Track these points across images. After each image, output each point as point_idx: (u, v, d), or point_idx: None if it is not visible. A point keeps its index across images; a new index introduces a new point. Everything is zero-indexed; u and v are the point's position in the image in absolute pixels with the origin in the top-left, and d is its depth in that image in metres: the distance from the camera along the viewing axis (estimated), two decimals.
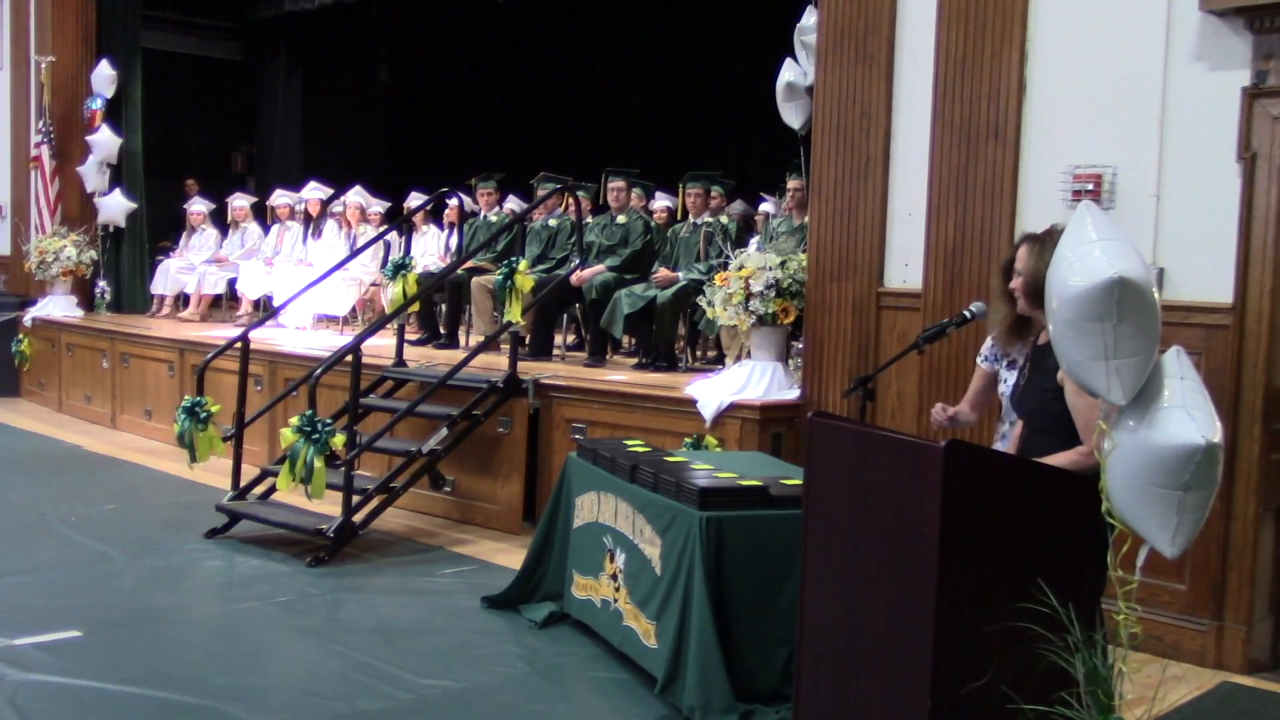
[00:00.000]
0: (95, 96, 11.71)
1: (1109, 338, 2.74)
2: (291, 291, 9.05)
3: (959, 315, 3.91)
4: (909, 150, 5.80)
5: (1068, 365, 2.95)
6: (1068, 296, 2.78)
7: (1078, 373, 2.89)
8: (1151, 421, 2.74)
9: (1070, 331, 2.82)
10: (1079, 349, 2.81)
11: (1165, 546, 2.79)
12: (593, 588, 5.00)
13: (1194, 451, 2.66)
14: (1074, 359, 2.86)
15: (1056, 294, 2.85)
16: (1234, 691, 4.66)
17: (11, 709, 4.15)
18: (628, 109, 13.89)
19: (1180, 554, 2.84)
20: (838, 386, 5.97)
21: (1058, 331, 2.89)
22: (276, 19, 14.29)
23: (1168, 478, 2.70)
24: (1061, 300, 2.82)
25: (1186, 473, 2.68)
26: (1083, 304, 2.74)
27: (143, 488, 8.00)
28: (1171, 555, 2.83)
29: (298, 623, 5.30)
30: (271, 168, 15.29)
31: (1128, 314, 2.72)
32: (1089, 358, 2.79)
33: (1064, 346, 2.89)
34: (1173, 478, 2.69)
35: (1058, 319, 2.87)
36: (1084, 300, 2.73)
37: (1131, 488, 2.76)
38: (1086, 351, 2.79)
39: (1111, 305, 2.70)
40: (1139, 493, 2.75)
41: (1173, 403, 2.75)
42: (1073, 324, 2.79)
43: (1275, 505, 4.92)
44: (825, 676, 3.50)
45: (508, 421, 7.05)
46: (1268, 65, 4.73)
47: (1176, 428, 2.69)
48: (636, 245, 8.24)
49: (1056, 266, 2.87)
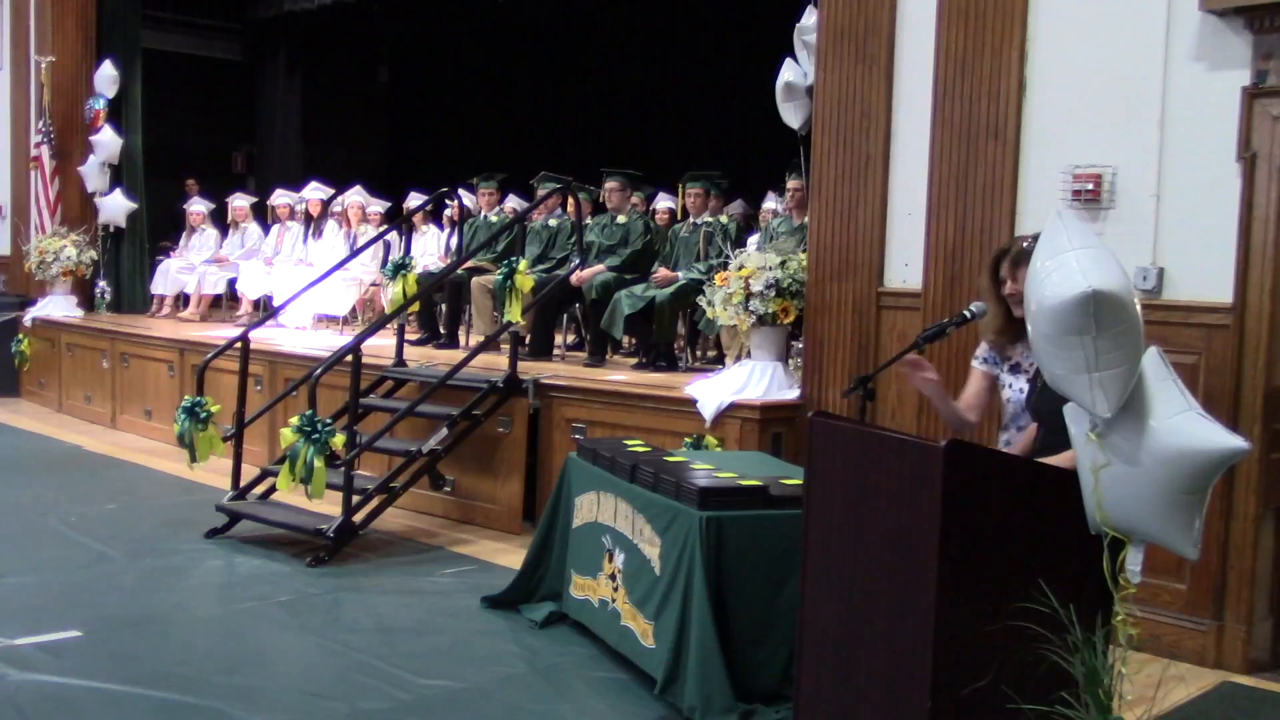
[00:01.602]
0: (98, 96, 11.71)
1: (1089, 351, 2.67)
2: (291, 291, 9.05)
3: (959, 315, 3.90)
4: (909, 150, 5.80)
5: (1051, 379, 2.90)
6: (1045, 310, 2.72)
7: (1062, 386, 2.82)
8: (1173, 430, 2.68)
9: (1050, 346, 2.75)
10: (1060, 363, 2.75)
11: (1189, 550, 2.77)
12: (591, 588, 5.00)
13: (1234, 454, 2.62)
14: (1056, 373, 2.79)
15: (1035, 307, 2.79)
16: (1234, 691, 4.66)
17: (11, 709, 4.15)
18: (628, 109, 13.89)
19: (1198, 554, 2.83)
20: (838, 386, 5.97)
21: (1038, 346, 2.82)
22: (276, 19, 14.30)
23: (1198, 483, 2.66)
24: (1039, 314, 2.76)
25: (1218, 476, 2.66)
26: (1060, 318, 2.67)
27: (143, 488, 8.00)
28: (1194, 557, 2.82)
29: (298, 623, 5.30)
30: (271, 168, 15.29)
31: (1106, 326, 2.65)
32: (1071, 371, 2.73)
33: (1045, 360, 2.83)
34: (1203, 482, 2.66)
35: (1037, 333, 2.82)
36: (1061, 314, 2.67)
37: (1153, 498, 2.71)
38: (1068, 365, 2.73)
39: (1089, 318, 2.64)
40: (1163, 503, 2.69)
41: (1182, 408, 2.72)
42: (1052, 339, 2.73)
43: (1275, 505, 4.92)
44: (825, 676, 3.50)
45: (508, 421, 7.05)
46: (1268, 65, 4.73)
47: (1210, 435, 2.63)
48: (636, 245, 8.23)
49: (1033, 279, 2.80)
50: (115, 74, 11.70)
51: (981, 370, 4.01)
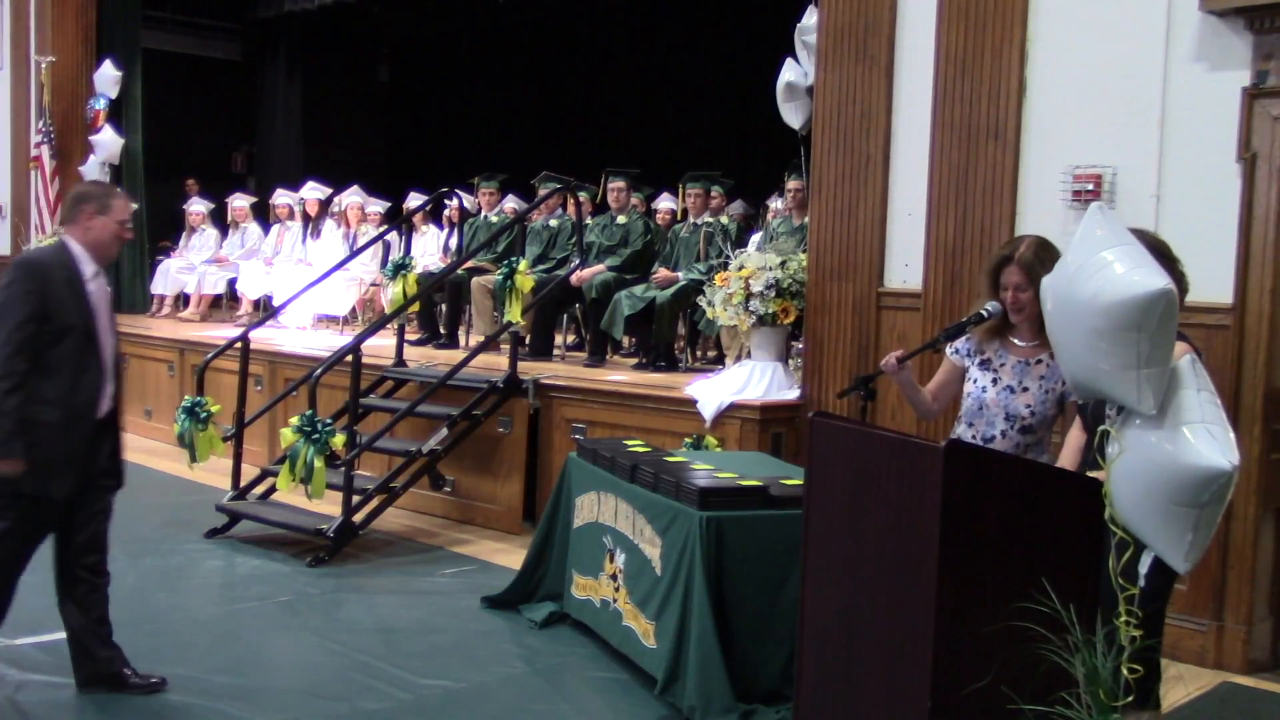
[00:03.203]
0: (99, 96, 11.69)
1: (1143, 347, 2.67)
2: (291, 291, 9.05)
3: (975, 314, 3.88)
4: (909, 150, 5.80)
5: (1086, 375, 2.86)
6: (1100, 305, 2.71)
7: (1101, 382, 2.80)
8: (1173, 438, 2.68)
9: (1100, 341, 2.72)
10: (1108, 359, 2.73)
11: (1179, 562, 2.76)
12: (592, 588, 5.00)
13: (1217, 476, 2.62)
14: (1101, 368, 2.77)
15: (1084, 301, 2.76)
16: (1234, 691, 4.66)
17: (11, 709, 4.15)
18: (628, 109, 13.88)
19: (1192, 569, 2.82)
20: (838, 386, 5.96)
21: (1084, 341, 2.79)
22: (276, 19, 14.28)
23: (1186, 496, 2.65)
24: (1090, 309, 2.73)
25: (1206, 494, 2.64)
26: (1123, 314, 2.65)
27: (143, 488, 7.96)
28: (1184, 570, 2.81)
29: (298, 623, 5.30)
30: (271, 168, 15.28)
31: (1164, 324, 2.67)
32: (1119, 367, 2.71)
33: (1087, 356, 2.78)
34: (1191, 497, 2.65)
35: (1084, 327, 2.78)
36: (1125, 310, 2.66)
37: (1146, 502, 2.72)
38: (1117, 361, 2.71)
39: (1154, 316, 2.65)
40: (1154, 508, 2.70)
41: (1193, 419, 2.71)
42: (1105, 333, 2.70)
43: (1275, 505, 4.92)
44: (825, 676, 3.50)
45: (508, 421, 7.05)
46: (1268, 65, 4.73)
47: (1201, 449, 2.63)
48: (636, 245, 8.23)
49: (1077, 275, 2.78)
50: (116, 74, 11.69)
51: (953, 360, 3.98)
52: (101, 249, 4.18)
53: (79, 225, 4.15)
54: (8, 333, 3.94)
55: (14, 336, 3.94)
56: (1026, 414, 3.78)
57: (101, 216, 4.15)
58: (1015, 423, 3.78)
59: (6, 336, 3.94)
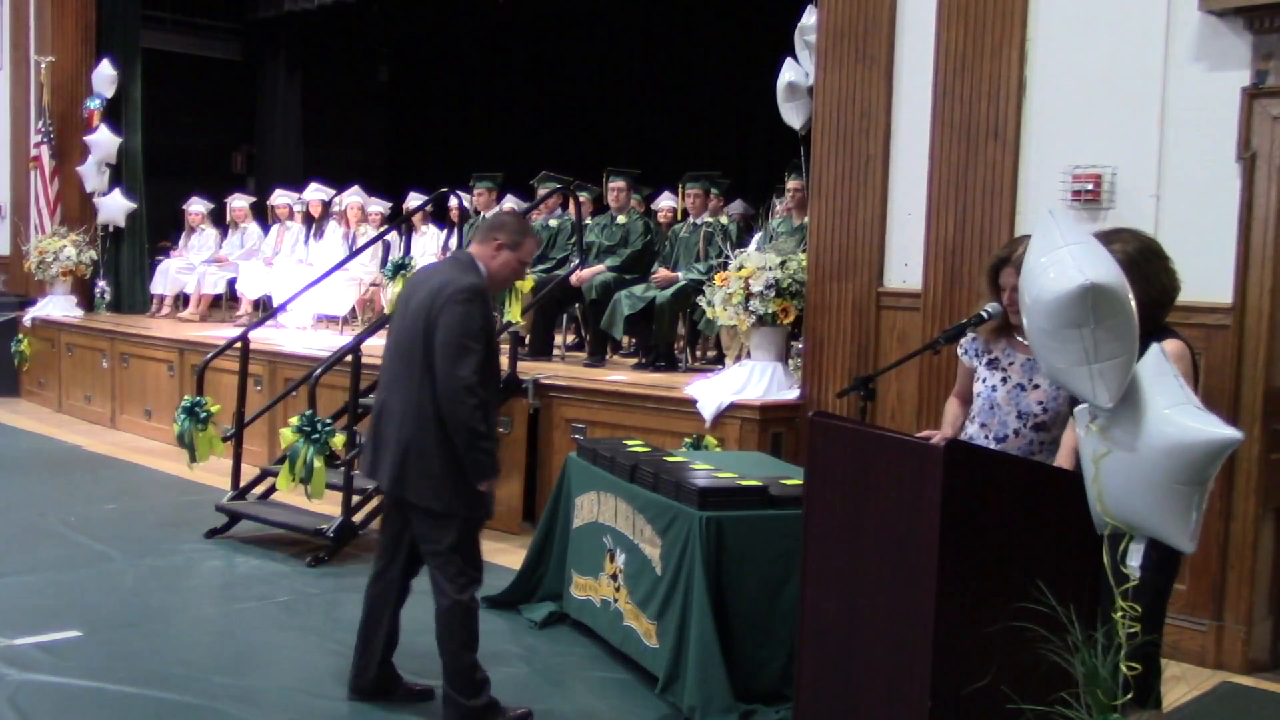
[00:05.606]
0: (95, 96, 11.70)
1: (1088, 343, 2.75)
2: (291, 291, 9.05)
3: (975, 315, 3.89)
4: (909, 150, 5.80)
5: (1051, 373, 2.96)
6: (1042, 305, 2.80)
7: (1062, 379, 2.90)
8: (1169, 419, 2.73)
9: (1049, 340, 2.83)
10: (1060, 356, 2.82)
11: (1185, 543, 2.79)
12: (593, 588, 5.00)
13: (1226, 445, 2.68)
14: (1056, 366, 2.87)
15: (1032, 303, 2.86)
16: (1234, 691, 4.66)
17: (11, 709, 4.15)
18: (628, 109, 13.88)
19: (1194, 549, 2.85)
20: (837, 386, 5.96)
21: (1038, 341, 2.89)
22: (276, 19, 14.29)
23: (1192, 474, 2.70)
24: (1037, 309, 2.83)
25: (1213, 467, 2.71)
26: (1058, 311, 2.75)
27: (143, 488, 8.00)
28: (1190, 550, 2.84)
29: (298, 623, 5.30)
30: (271, 168, 15.28)
31: (1104, 318, 2.73)
32: (1071, 364, 2.80)
33: (1045, 355, 2.90)
34: (1197, 474, 2.71)
35: (1035, 328, 2.88)
36: (1059, 308, 2.74)
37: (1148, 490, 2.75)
38: (1068, 358, 2.80)
39: (1087, 311, 2.72)
40: (1158, 494, 2.74)
41: (1179, 400, 2.76)
42: (1050, 332, 2.81)
43: (1275, 505, 4.92)
44: (825, 676, 3.51)
45: (508, 421, 7.05)
46: (1268, 65, 4.73)
47: (1202, 426, 2.70)
48: (636, 245, 8.24)
49: (1029, 276, 2.87)
50: (113, 74, 11.69)
51: (964, 361, 4.01)
52: (498, 283, 4.22)
53: (488, 249, 4.12)
54: (478, 360, 3.93)
55: (480, 363, 3.94)
56: (1039, 410, 3.77)
57: (510, 252, 4.14)
58: (1028, 420, 3.78)
59: (477, 363, 3.92)
